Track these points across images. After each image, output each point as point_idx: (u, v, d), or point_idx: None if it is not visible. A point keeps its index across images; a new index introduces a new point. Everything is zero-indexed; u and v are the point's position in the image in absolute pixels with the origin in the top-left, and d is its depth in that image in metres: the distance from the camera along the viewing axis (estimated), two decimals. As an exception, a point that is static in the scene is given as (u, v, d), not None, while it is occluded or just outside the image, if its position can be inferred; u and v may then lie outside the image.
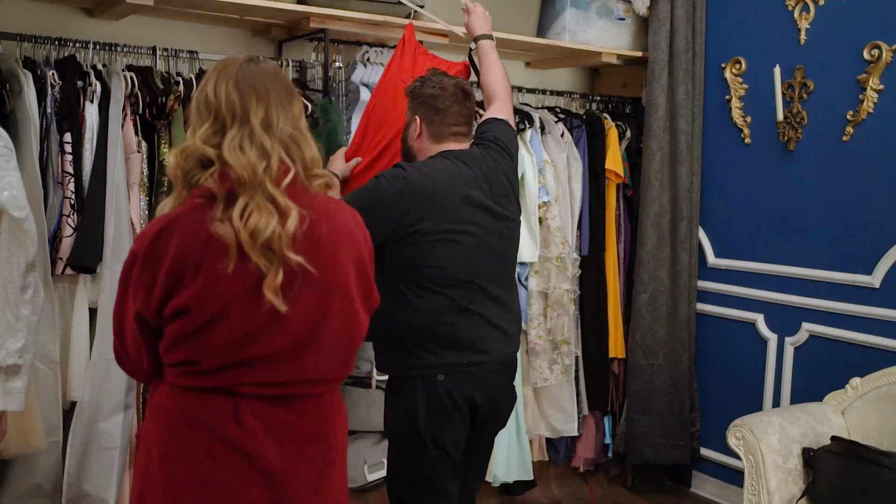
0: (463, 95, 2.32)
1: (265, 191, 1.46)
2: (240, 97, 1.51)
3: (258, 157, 1.47)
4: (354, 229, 1.64)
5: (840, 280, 3.13)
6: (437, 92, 2.29)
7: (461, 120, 2.33)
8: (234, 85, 1.52)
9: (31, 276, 2.16)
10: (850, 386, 2.81)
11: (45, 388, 2.52)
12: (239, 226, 1.43)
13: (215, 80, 1.54)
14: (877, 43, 3.01)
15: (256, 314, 1.48)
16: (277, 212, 1.46)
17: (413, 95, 2.33)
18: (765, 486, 2.58)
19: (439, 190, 2.20)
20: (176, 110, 2.75)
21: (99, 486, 2.60)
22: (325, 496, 1.62)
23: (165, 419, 1.55)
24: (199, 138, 1.50)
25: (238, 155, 1.47)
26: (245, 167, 1.46)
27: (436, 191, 2.19)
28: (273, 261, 1.45)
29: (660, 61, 3.50)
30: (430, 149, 2.31)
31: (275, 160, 1.49)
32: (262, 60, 1.60)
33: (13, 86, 2.49)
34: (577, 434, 3.57)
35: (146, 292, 1.49)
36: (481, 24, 2.69)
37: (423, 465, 2.24)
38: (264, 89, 1.53)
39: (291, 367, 1.54)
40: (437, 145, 2.30)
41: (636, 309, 3.56)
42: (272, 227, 1.44)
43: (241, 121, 1.50)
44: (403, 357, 2.22)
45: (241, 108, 1.50)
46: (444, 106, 2.29)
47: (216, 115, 1.51)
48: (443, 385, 2.19)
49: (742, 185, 3.49)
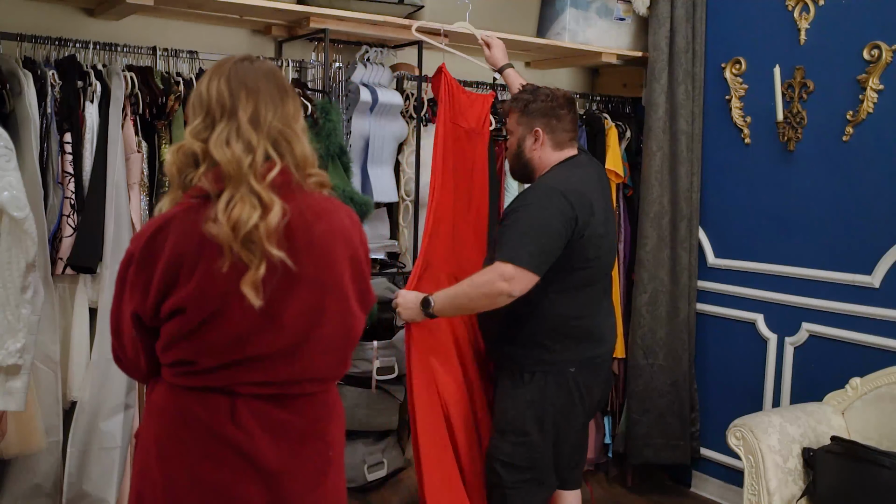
0: (571, 103, 2.51)
1: (249, 185, 1.46)
2: (230, 93, 1.51)
3: (243, 151, 1.47)
4: (350, 229, 1.63)
5: (840, 280, 3.13)
6: (553, 103, 2.46)
7: (573, 126, 2.52)
8: (225, 82, 1.52)
9: (31, 276, 2.16)
10: (850, 386, 2.81)
11: (45, 388, 2.52)
12: (223, 219, 1.43)
13: (209, 78, 1.55)
14: (877, 43, 3.01)
15: (252, 314, 1.48)
16: (261, 205, 1.45)
17: (528, 109, 2.47)
18: (765, 486, 2.58)
19: (590, 195, 2.38)
20: (176, 110, 2.75)
21: (99, 486, 2.60)
22: (322, 495, 1.62)
23: (163, 419, 1.55)
24: (189, 133, 1.51)
25: (224, 149, 1.47)
26: (230, 161, 1.46)
27: (590, 198, 2.38)
28: (255, 254, 1.45)
29: (660, 61, 3.50)
30: (550, 156, 2.48)
31: (260, 155, 1.49)
32: (258, 60, 1.60)
33: (13, 86, 2.49)
34: (578, 434, 3.57)
35: (142, 292, 1.49)
36: (502, 56, 2.94)
37: (535, 453, 2.44)
38: (255, 86, 1.53)
39: (288, 366, 1.54)
40: (558, 152, 2.48)
41: (636, 309, 3.56)
42: (254, 220, 1.43)
43: (230, 116, 1.50)
44: (537, 352, 2.41)
45: (230, 103, 1.50)
46: (562, 113, 2.47)
47: (207, 111, 1.52)
48: (573, 377, 2.39)
49: (742, 185, 3.49)
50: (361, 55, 3.29)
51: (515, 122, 2.51)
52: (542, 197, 2.34)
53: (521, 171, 2.55)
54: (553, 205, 2.30)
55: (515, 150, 2.53)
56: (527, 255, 2.25)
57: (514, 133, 2.53)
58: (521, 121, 2.49)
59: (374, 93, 3.17)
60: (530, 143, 2.48)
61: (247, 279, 1.44)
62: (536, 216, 2.30)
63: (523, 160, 2.52)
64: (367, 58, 3.29)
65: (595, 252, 2.39)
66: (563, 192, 2.32)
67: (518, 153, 2.52)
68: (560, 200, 2.30)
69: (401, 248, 3.40)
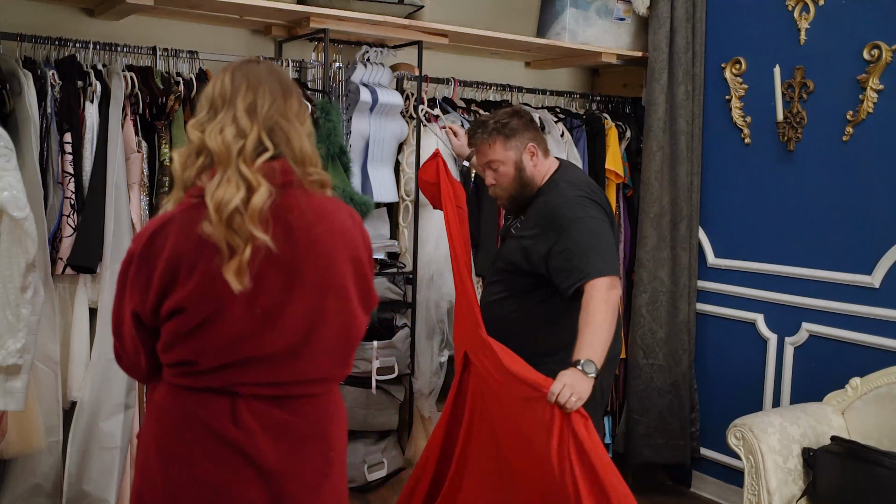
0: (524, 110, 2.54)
1: (237, 167, 1.46)
2: (232, 86, 1.53)
3: (234, 136, 1.49)
4: (352, 230, 1.63)
5: (840, 280, 3.13)
6: (519, 118, 2.45)
7: None
8: (229, 77, 1.55)
9: (31, 276, 2.16)
10: (850, 386, 2.81)
11: (45, 388, 2.52)
12: (209, 202, 1.43)
13: (216, 77, 1.58)
14: (877, 43, 3.01)
15: (252, 314, 1.48)
16: (245, 186, 1.45)
17: (513, 132, 2.42)
18: (765, 486, 2.58)
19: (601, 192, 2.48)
20: (176, 110, 2.75)
21: (99, 486, 2.60)
22: (323, 495, 1.62)
23: (164, 419, 1.55)
24: (192, 126, 1.53)
25: (216, 136, 1.48)
26: (220, 146, 1.47)
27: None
28: (241, 236, 1.43)
29: (660, 61, 3.50)
30: (545, 164, 2.48)
31: (251, 140, 1.49)
32: (266, 62, 1.63)
33: (13, 86, 2.49)
34: (578, 434, 3.57)
35: (142, 292, 1.49)
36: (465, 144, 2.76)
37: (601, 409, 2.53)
38: (256, 80, 1.54)
39: (289, 367, 1.54)
40: (548, 159, 2.50)
41: (636, 309, 3.56)
42: (236, 201, 1.43)
43: (228, 106, 1.52)
44: None
45: (230, 95, 1.53)
46: (530, 122, 2.48)
47: (210, 105, 1.54)
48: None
49: (742, 185, 3.49)
50: (361, 55, 3.29)
51: (503, 150, 2.41)
52: (579, 208, 2.35)
53: (522, 194, 2.46)
54: (595, 213, 2.36)
55: (515, 176, 2.43)
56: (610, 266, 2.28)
57: (506, 162, 2.42)
58: (510, 145, 2.41)
59: (374, 93, 3.17)
60: (529, 161, 2.43)
61: (231, 265, 1.42)
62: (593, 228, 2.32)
63: (525, 181, 2.44)
64: (367, 58, 3.29)
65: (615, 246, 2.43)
66: (591, 198, 2.39)
67: (519, 177, 2.44)
68: (594, 208, 2.37)
69: (401, 248, 3.40)
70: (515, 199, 2.50)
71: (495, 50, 3.64)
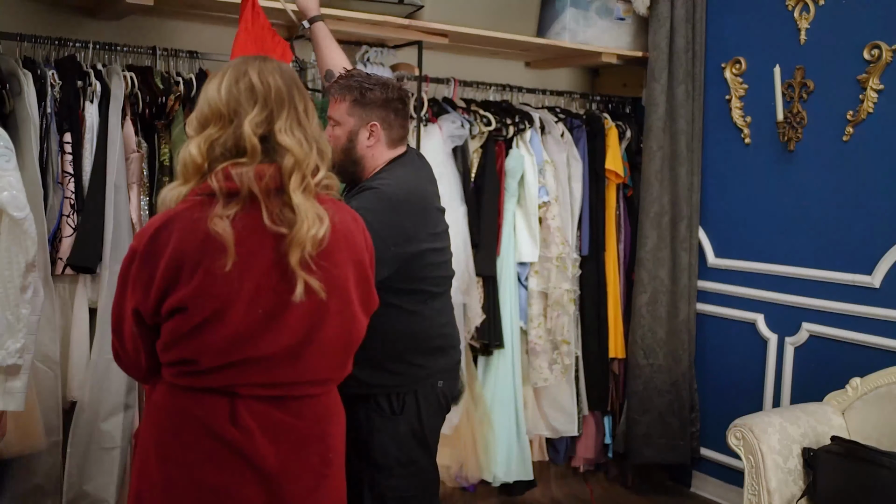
0: (407, 98, 2.27)
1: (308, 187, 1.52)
2: (286, 86, 1.55)
3: (305, 143, 1.53)
4: (354, 231, 1.64)
5: (840, 280, 3.13)
6: (391, 94, 2.17)
7: (408, 124, 2.27)
8: (279, 75, 1.56)
9: (30, 276, 2.16)
10: (850, 386, 2.81)
11: (45, 388, 2.52)
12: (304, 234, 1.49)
13: (258, 71, 1.55)
14: (877, 43, 3.01)
15: (254, 314, 1.48)
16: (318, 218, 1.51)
17: (366, 100, 2.15)
18: (765, 486, 2.58)
19: (427, 201, 2.20)
20: (176, 110, 2.75)
21: (100, 486, 2.60)
22: (322, 497, 1.62)
23: (163, 419, 1.55)
24: (250, 123, 1.50)
25: (290, 136, 1.52)
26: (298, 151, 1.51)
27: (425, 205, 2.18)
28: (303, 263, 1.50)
29: (660, 61, 3.50)
30: (382, 154, 2.19)
31: (314, 156, 1.54)
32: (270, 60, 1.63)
33: (13, 86, 2.49)
34: (577, 434, 3.57)
35: (144, 289, 1.49)
36: (315, 5, 2.60)
37: (425, 477, 2.21)
38: (298, 83, 1.59)
39: (289, 368, 1.54)
40: (391, 150, 2.21)
41: (636, 309, 3.56)
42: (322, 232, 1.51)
43: (288, 107, 1.54)
44: (413, 370, 2.15)
45: (287, 95, 1.55)
46: (399, 108, 2.20)
47: (265, 102, 1.53)
48: (441, 390, 2.19)
49: (742, 185, 3.49)
50: (361, 55, 3.29)
51: (346, 112, 2.16)
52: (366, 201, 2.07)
53: (348, 169, 2.19)
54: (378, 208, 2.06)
55: (345, 145, 2.17)
56: None
57: (343, 124, 2.17)
58: (354, 111, 2.15)
59: (374, 93, 3.17)
60: (364, 139, 2.16)
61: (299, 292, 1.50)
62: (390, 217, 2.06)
63: (354, 157, 2.17)
64: (367, 58, 3.28)
65: (439, 259, 2.20)
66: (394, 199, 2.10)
67: (348, 149, 2.17)
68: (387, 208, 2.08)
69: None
70: (339, 170, 2.13)
71: (495, 50, 3.64)
